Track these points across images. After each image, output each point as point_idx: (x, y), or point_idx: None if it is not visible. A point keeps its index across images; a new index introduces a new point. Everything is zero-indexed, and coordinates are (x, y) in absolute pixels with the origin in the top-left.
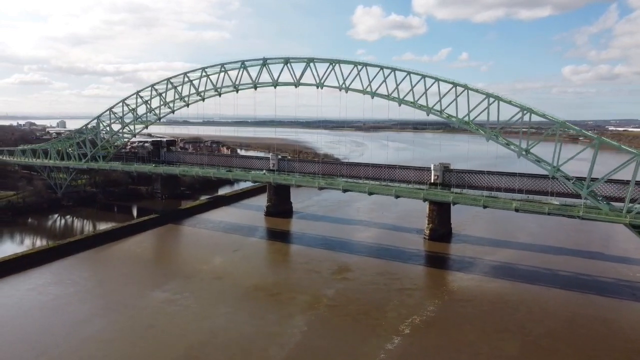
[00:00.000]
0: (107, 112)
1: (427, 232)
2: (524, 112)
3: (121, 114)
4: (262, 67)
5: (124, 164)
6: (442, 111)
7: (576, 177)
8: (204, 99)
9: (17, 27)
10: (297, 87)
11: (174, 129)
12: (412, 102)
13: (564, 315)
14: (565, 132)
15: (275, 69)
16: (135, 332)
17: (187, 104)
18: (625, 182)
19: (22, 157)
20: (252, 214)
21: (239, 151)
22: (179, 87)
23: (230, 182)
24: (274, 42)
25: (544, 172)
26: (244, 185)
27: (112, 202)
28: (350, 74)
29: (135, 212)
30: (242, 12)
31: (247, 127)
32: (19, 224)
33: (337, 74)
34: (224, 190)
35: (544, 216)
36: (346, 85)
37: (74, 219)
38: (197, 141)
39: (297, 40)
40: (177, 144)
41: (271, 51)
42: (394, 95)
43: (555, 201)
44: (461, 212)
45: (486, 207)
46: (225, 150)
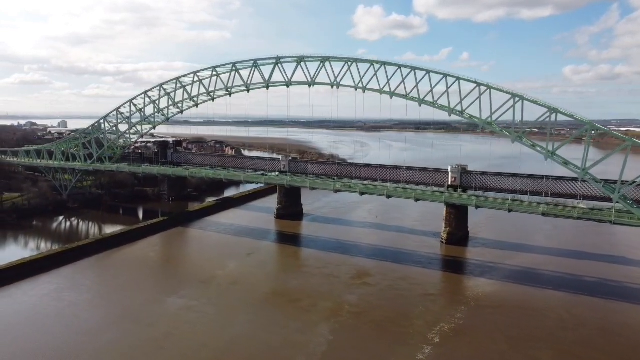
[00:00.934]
0: (114, 112)
1: (445, 235)
2: (551, 112)
3: (128, 114)
4: (275, 66)
5: (132, 165)
6: (464, 111)
7: (604, 180)
8: (213, 99)
9: (17, 27)
10: (310, 87)
11: (175, 129)
12: (432, 102)
13: (595, 322)
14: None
15: (287, 68)
16: (155, 341)
17: (197, 104)
18: None
19: (27, 158)
20: (262, 217)
21: (242, 151)
22: (188, 87)
23: (236, 183)
24: (275, 42)
25: (562, 174)
26: (250, 186)
27: (118, 203)
28: (366, 74)
29: (142, 214)
30: (243, 11)
31: (248, 127)
32: (24, 227)
33: (352, 73)
34: (231, 191)
35: (558, 217)
36: (363, 84)
37: (80, 221)
38: (200, 141)
39: (297, 40)
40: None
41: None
42: (413, 95)
43: (582, 205)
44: (474, 214)
45: (511, 211)
46: (229, 150)
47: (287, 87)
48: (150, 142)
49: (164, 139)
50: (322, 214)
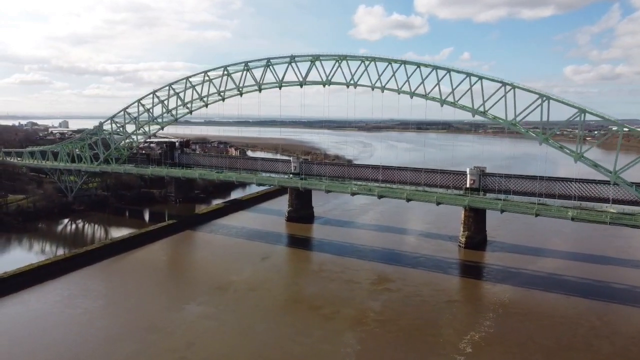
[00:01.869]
0: (122, 112)
1: (463, 239)
2: (581, 113)
3: (136, 114)
4: (289, 65)
5: (139, 167)
6: (487, 112)
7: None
8: (224, 99)
9: (18, 27)
10: (325, 86)
11: (177, 129)
12: (453, 102)
13: (631, 331)
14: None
15: (300, 67)
16: (176, 352)
17: (206, 104)
18: None
19: (31, 159)
20: (272, 219)
21: (247, 152)
22: (198, 87)
23: (243, 184)
24: (276, 42)
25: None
26: (258, 188)
27: (124, 205)
28: (384, 73)
29: (148, 217)
30: (244, 11)
31: (249, 127)
32: (29, 230)
33: (369, 72)
34: (237, 193)
35: (588, 222)
36: (382, 84)
37: (86, 224)
38: (204, 142)
39: (298, 39)
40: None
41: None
42: (433, 95)
43: (611, 209)
44: (489, 216)
45: (538, 216)
46: (233, 151)
47: (301, 86)
48: (152, 143)
49: (167, 140)
50: (333, 217)
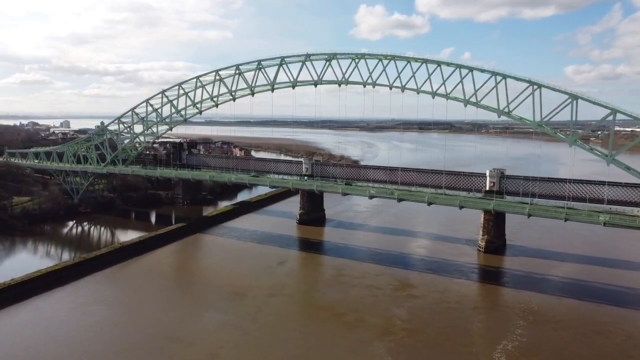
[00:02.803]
0: (130, 113)
1: (483, 244)
2: (613, 113)
3: (144, 114)
4: (303, 64)
5: (147, 168)
6: (511, 112)
7: None
8: (234, 99)
9: (19, 27)
10: (340, 86)
11: (177, 129)
12: (476, 102)
13: None
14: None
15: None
16: None
17: (217, 104)
18: None
19: (36, 160)
20: (283, 222)
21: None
22: (208, 86)
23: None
24: (276, 42)
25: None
26: (264, 189)
27: (131, 207)
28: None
29: (156, 219)
30: (245, 11)
31: (250, 127)
32: (35, 233)
33: (387, 72)
34: (244, 194)
35: (620, 228)
36: (402, 84)
37: (93, 227)
38: (207, 142)
39: (299, 39)
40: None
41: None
42: (455, 95)
43: None
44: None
45: (567, 220)
46: (238, 151)
47: (315, 86)
48: (156, 144)
49: (168, 140)
50: (345, 219)
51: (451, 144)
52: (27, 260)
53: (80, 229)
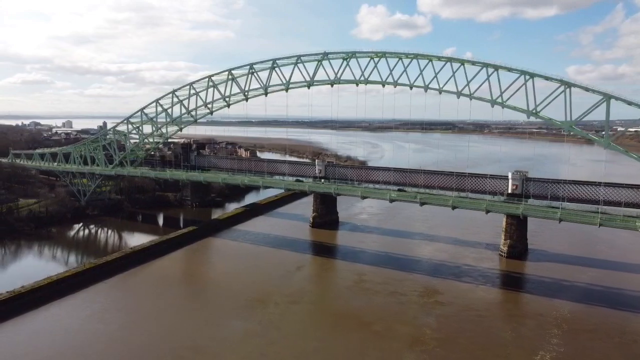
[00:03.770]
0: (139, 113)
1: (505, 249)
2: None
3: (154, 115)
4: (319, 64)
5: (157, 170)
6: (539, 113)
7: None
8: (247, 99)
9: (21, 27)
10: (358, 86)
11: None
12: (502, 102)
13: None
14: None
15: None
16: None
17: (229, 105)
18: None
19: (42, 162)
20: (295, 225)
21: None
22: (220, 86)
23: (259, 187)
24: (278, 42)
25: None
26: (274, 191)
27: (139, 210)
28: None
29: (165, 222)
30: (246, 11)
31: (251, 127)
32: (42, 237)
33: (407, 72)
34: (252, 196)
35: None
36: (425, 83)
37: (101, 230)
38: (211, 142)
39: (300, 39)
40: (206, 147)
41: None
42: (480, 95)
43: None
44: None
45: (601, 226)
46: (243, 152)
47: (332, 85)
48: (160, 144)
49: (172, 141)
50: (360, 222)
51: (456, 144)
52: (35, 265)
53: (87, 232)
